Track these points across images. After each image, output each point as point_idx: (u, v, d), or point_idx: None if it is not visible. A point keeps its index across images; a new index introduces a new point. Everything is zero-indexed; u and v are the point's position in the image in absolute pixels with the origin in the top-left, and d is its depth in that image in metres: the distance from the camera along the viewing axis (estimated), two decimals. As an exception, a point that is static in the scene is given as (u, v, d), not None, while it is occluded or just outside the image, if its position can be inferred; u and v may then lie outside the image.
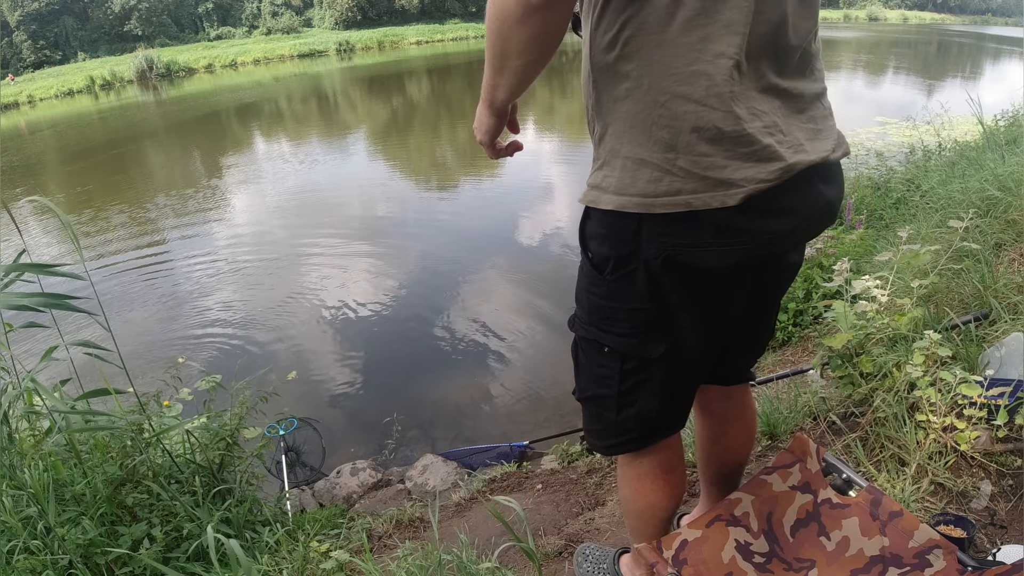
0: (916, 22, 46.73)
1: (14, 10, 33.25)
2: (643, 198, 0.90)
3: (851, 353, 1.87)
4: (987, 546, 1.37)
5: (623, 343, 1.03)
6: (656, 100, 0.87)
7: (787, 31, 0.90)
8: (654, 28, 0.84)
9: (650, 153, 0.89)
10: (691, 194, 0.88)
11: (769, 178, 0.88)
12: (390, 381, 4.19)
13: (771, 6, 0.87)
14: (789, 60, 0.92)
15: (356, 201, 8.39)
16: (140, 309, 5.48)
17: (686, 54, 0.84)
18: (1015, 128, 4.72)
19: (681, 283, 0.96)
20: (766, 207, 0.91)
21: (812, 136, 0.95)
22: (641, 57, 0.86)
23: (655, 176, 0.89)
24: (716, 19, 0.83)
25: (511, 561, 1.88)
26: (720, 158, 0.87)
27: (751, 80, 0.87)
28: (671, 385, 1.07)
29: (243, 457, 2.35)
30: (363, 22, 39.00)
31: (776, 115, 0.90)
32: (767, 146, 0.87)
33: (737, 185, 0.87)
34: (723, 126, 0.86)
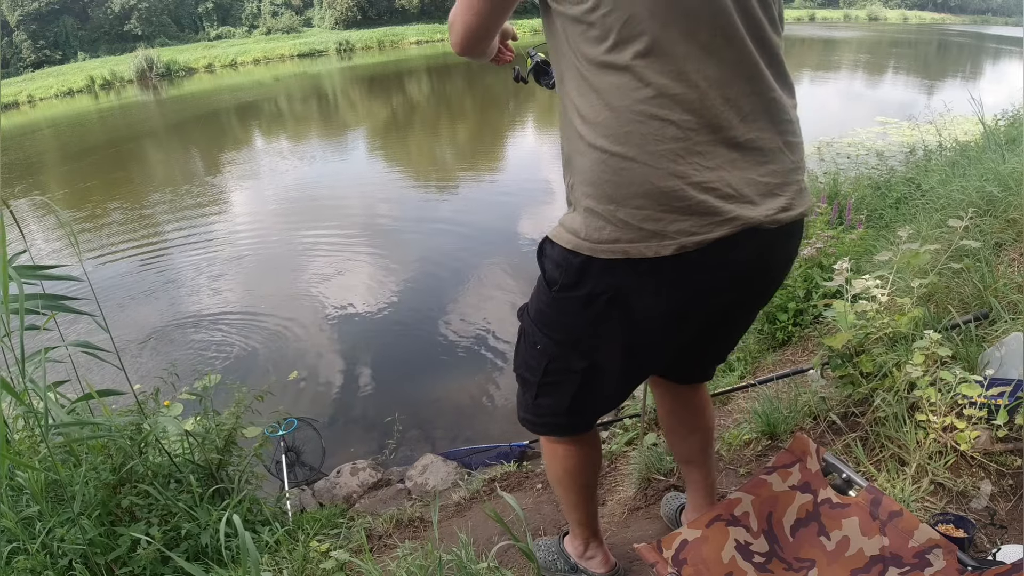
0: (916, 22, 46.74)
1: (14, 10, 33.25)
2: (591, 243, 1.00)
3: (851, 353, 1.87)
4: (987, 546, 1.36)
5: (553, 348, 1.15)
6: (603, 158, 0.96)
7: (751, 86, 0.97)
8: (612, 96, 0.93)
9: (598, 204, 0.99)
10: (628, 243, 0.97)
11: (702, 232, 0.95)
12: (390, 381, 4.19)
13: (731, 67, 0.94)
14: (753, 113, 0.97)
15: (356, 201, 8.39)
16: (140, 307, 5.48)
17: (618, 105, 0.93)
18: (1015, 127, 4.72)
19: (622, 318, 1.05)
20: (703, 260, 0.98)
21: (766, 192, 1.00)
22: (597, 121, 0.96)
23: (600, 225, 0.99)
24: (663, 90, 0.91)
25: (511, 561, 1.88)
26: (654, 211, 0.95)
27: (702, 135, 0.94)
28: (585, 392, 1.18)
29: (242, 456, 2.34)
30: (363, 22, 39.01)
31: (725, 170, 0.96)
32: (702, 201, 0.94)
33: (670, 237, 0.95)
34: (657, 182, 0.94)
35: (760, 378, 2.46)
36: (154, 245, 7.15)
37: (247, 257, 6.64)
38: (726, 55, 0.93)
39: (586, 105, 0.97)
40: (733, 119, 0.95)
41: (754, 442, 2.05)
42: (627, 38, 0.90)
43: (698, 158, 0.93)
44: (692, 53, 0.91)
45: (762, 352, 3.24)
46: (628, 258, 0.98)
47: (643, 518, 1.93)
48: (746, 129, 0.97)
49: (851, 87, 16.10)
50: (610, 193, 0.97)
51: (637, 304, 1.03)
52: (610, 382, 1.18)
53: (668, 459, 2.06)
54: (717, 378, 3.06)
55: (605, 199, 0.98)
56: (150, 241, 7.28)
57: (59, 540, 1.69)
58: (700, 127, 0.93)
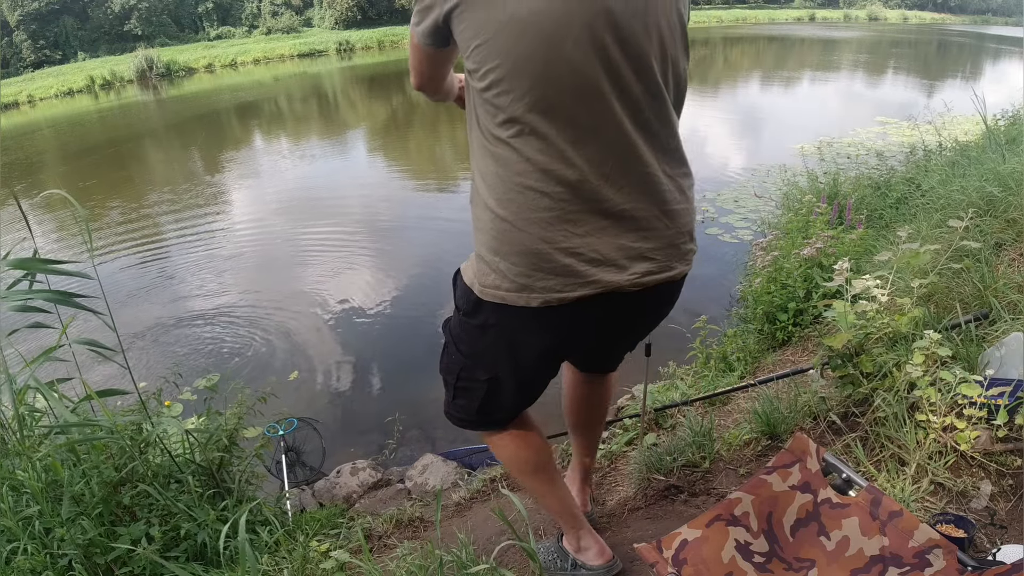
0: (916, 22, 46.72)
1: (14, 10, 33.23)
2: (480, 286, 1.17)
3: (851, 353, 1.87)
4: (987, 546, 1.36)
5: (463, 360, 1.33)
6: (492, 217, 1.11)
7: (627, 163, 1.08)
8: (500, 165, 1.08)
9: (486, 254, 1.15)
10: (505, 291, 1.14)
11: (564, 291, 1.11)
12: (390, 381, 4.19)
13: (607, 147, 1.05)
14: (628, 187, 1.09)
15: (356, 200, 8.39)
16: (140, 306, 5.48)
17: (508, 178, 1.07)
18: (1015, 127, 4.72)
19: (509, 348, 1.24)
20: (566, 313, 1.14)
21: (635, 256, 1.12)
22: (489, 184, 1.10)
23: (487, 271, 1.15)
24: (541, 166, 1.05)
25: (511, 561, 1.88)
26: (526, 269, 1.10)
27: (575, 205, 1.07)
28: (490, 399, 1.35)
29: (243, 457, 2.34)
30: (363, 22, 38.98)
31: (595, 236, 1.09)
32: (567, 265, 1.09)
33: (537, 292, 1.11)
34: (529, 245, 1.09)
35: (760, 378, 2.46)
36: (154, 244, 7.15)
37: (247, 256, 6.64)
38: (603, 136, 1.05)
39: (484, 167, 1.11)
40: (607, 192, 1.08)
41: (754, 442, 2.05)
42: (513, 118, 1.04)
43: (569, 226, 1.08)
44: (571, 135, 1.04)
45: (762, 352, 3.24)
46: (504, 303, 1.14)
47: (643, 518, 1.93)
48: (621, 200, 1.09)
49: (851, 87, 16.10)
50: (495, 247, 1.12)
51: (519, 339, 1.22)
52: (510, 393, 1.34)
53: (668, 459, 2.06)
54: (717, 378, 3.06)
55: (491, 251, 1.13)
56: (150, 240, 7.28)
57: (59, 540, 1.69)
58: (573, 199, 1.06)
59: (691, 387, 2.96)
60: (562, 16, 0.97)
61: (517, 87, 1.01)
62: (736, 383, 2.70)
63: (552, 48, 0.98)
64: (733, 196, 7.04)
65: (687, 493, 1.94)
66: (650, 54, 1.05)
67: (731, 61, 24.47)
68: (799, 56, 24.47)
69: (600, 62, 1.01)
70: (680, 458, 2.06)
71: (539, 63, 0.99)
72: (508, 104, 1.03)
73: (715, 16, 44.04)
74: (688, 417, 2.21)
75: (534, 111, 1.02)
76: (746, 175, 7.81)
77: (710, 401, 2.61)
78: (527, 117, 1.03)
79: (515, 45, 0.98)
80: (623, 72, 1.03)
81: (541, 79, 1.00)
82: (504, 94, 1.02)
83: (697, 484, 1.97)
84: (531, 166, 1.05)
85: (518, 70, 1.00)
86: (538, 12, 0.96)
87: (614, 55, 1.01)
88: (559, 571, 1.59)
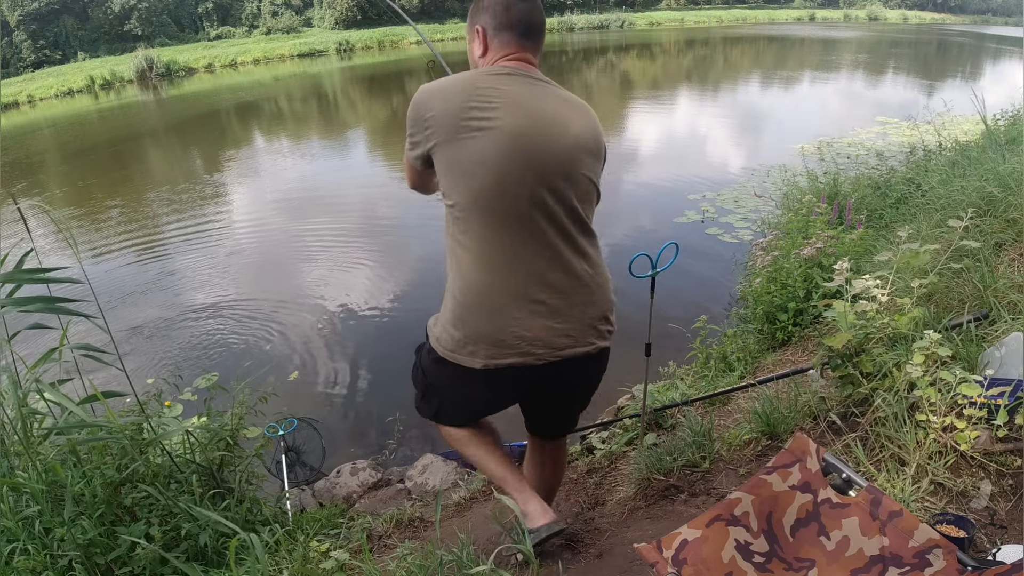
0: (916, 22, 46.70)
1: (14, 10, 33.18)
2: (440, 344, 1.53)
3: (851, 353, 1.87)
4: (987, 546, 1.36)
5: (425, 382, 1.66)
6: (453, 298, 1.48)
7: (554, 263, 1.43)
8: (458, 263, 1.46)
9: (448, 323, 1.50)
10: (454, 352, 1.49)
11: (499, 358, 1.44)
12: (390, 381, 4.19)
13: (537, 253, 1.41)
14: (554, 283, 1.43)
15: (357, 201, 8.39)
16: (140, 307, 5.48)
17: (464, 272, 1.44)
18: (1015, 127, 4.72)
19: (461, 391, 1.59)
20: (502, 375, 1.47)
21: (559, 334, 1.45)
22: (452, 275, 1.49)
23: (446, 337, 1.50)
24: (486, 268, 1.41)
25: (510, 561, 1.88)
26: (473, 340, 1.45)
27: (509, 297, 1.41)
28: (445, 413, 1.68)
29: (243, 457, 2.34)
30: (363, 22, 38.94)
31: (526, 319, 1.42)
32: (503, 339, 1.43)
33: (480, 357, 1.45)
34: (476, 326, 1.44)
35: (760, 378, 2.46)
36: (153, 243, 7.15)
37: (247, 256, 6.65)
38: (532, 246, 1.41)
39: (450, 263, 1.49)
40: (536, 287, 1.42)
41: (754, 442, 2.05)
42: (466, 231, 1.41)
43: (508, 313, 1.42)
44: (508, 245, 1.40)
45: (762, 352, 3.24)
46: (457, 363, 1.49)
47: (643, 518, 1.93)
48: (548, 294, 1.43)
49: (851, 87, 16.10)
50: (454, 323, 1.48)
51: (467, 389, 1.56)
52: (460, 416, 1.68)
53: (668, 459, 2.06)
54: (717, 378, 3.06)
55: (451, 324, 1.48)
56: (149, 239, 7.28)
57: (59, 540, 1.69)
58: (509, 292, 1.41)
59: (691, 387, 2.96)
60: (505, 165, 1.35)
61: (472, 210, 1.38)
62: (736, 383, 2.70)
63: (498, 185, 1.36)
64: (733, 196, 7.05)
65: (687, 493, 1.94)
66: (569, 192, 1.42)
67: (731, 61, 24.47)
68: (799, 56, 24.48)
69: (530, 196, 1.38)
70: (680, 458, 2.06)
71: (488, 196, 1.37)
72: (464, 220, 1.40)
73: (715, 16, 44.04)
74: (688, 417, 2.21)
75: (483, 227, 1.39)
76: (746, 175, 7.81)
77: (710, 401, 2.61)
78: (478, 231, 1.40)
79: (471, 181, 1.36)
80: (552, 207, 1.40)
81: (488, 207, 1.37)
82: (462, 213, 1.40)
83: (697, 484, 1.97)
84: (480, 265, 1.41)
85: (472, 198, 1.37)
86: (490, 159, 1.35)
87: (543, 194, 1.39)
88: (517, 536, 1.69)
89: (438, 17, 39.29)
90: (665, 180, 8.16)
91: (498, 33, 1.46)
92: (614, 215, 7.20)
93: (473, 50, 1.53)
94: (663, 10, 45.98)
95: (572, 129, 1.42)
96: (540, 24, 1.49)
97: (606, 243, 6.12)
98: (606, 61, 25.93)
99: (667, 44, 31.19)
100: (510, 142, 1.35)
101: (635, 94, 16.90)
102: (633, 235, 6.37)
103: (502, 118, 1.35)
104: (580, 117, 1.46)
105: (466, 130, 1.35)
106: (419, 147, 1.43)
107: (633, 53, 28.14)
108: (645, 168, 8.97)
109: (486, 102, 1.36)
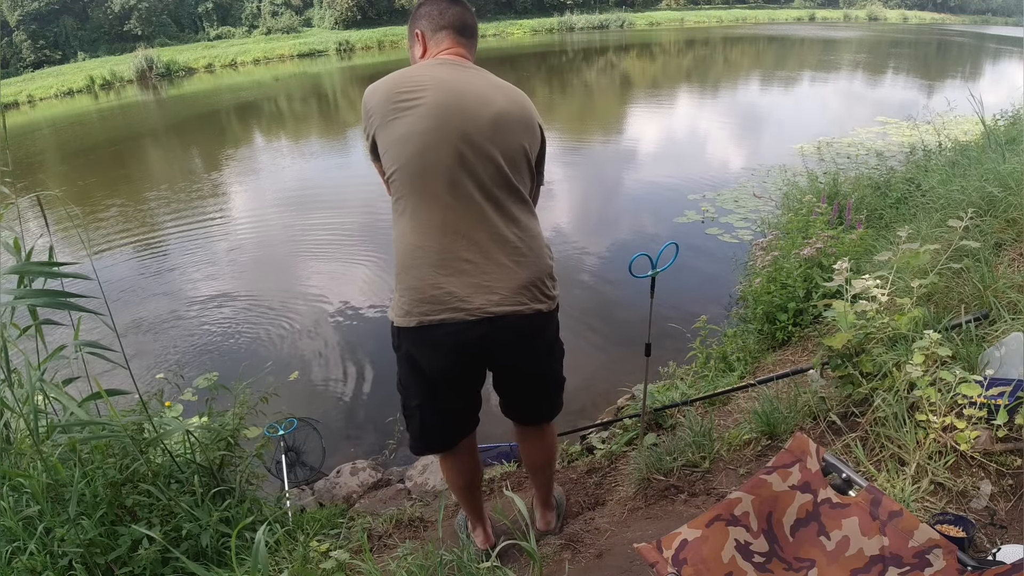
0: (916, 22, 46.68)
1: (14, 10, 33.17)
2: (392, 316, 1.59)
3: (851, 353, 1.87)
4: (987, 546, 1.37)
5: (403, 391, 1.71)
6: (396, 263, 1.56)
7: (481, 225, 1.50)
8: (398, 228, 1.56)
9: (394, 291, 1.59)
10: (399, 316, 1.56)
11: (432, 314, 1.51)
12: (391, 381, 4.18)
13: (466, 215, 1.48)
14: (482, 242, 1.50)
15: (357, 200, 8.38)
16: (141, 306, 5.48)
17: (400, 238, 1.55)
18: (1015, 127, 4.72)
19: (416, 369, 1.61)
20: (437, 332, 1.52)
21: (487, 292, 1.51)
22: (396, 241, 1.57)
23: (393, 305, 1.59)
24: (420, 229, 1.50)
25: (512, 560, 1.88)
26: (408, 300, 1.53)
27: (441, 255, 1.49)
28: (426, 424, 1.71)
29: (243, 457, 2.34)
30: (363, 22, 38.94)
31: (456, 277, 1.49)
32: (434, 295, 1.50)
33: (415, 315, 1.52)
34: (411, 283, 1.52)
35: (760, 378, 2.46)
36: (153, 242, 7.15)
37: (247, 255, 6.65)
38: (459, 209, 1.49)
39: (393, 233, 1.58)
40: (463, 247, 1.49)
41: (754, 442, 2.05)
42: (399, 198, 1.53)
43: (436, 270, 1.49)
44: (437, 208, 1.49)
45: (762, 352, 3.24)
46: (399, 327, 1.56)
47: (643, 518, 1.93)
48: (474, 253, 1.50)
49: (851, 87, 16.10)
50: (396, 286, 1.57)
51: (417, 358, 1.59)
52: (434, 413, 1.69)
53: (668, 459, 2.06)
54: (717, 378, 3.06)
55: (395, 290, 1.57)
56: (149, 238, 7.28)
57: (59, 540, 1.69)
58: (440, 251, 1.49)
59: (691, 387, 2.96)
60: (431, 134, 1.46)
61: (403, 178, 1.49)
62: (736, 383, 2.70)
63: (425, 151, 1.46)
64: (733, 196, 7.05)
65: (687, 493, 1.95)
66: (496, 156, 1.50)
67: (731, 61, 24.47)
68: (799, 56, 24.47)
69: (457, 160, 1.47)
70: (680, 458, 2.06)
71: (417, 162, 1.47)
72: (398, 188, 1.51)
73: (715, 16, 44.03)
74: (688, 417, 2.22)
75: (414, 193, 1.49)
76: (746, 175, 7.81)
77: (710, 401, 2.61)
78: (410, 198, 1.50)
79: (402, 151, 1.47)
80: (475, 168, 1.48)
81: (417, 172, 1.47)
82: (395, 182, 1.50)
83: (697, 484, 1.97)
84: (413, 229, 1.51)
85: (403, 166, 1.48)
86: (416, 131, 1.46)
87: (468, 156, 1.47)
88: (461, 530, 2.11)
89: (438, 17, 39.21)
90: (665, 180, 8.16)
91: (435, 33, 1.61)
92: (614, 215, 7.20)
93: (414, 54, 1.68)
94: (663, 10, 45.97)
95: (498, 102, 1.52)
96: (473, 25, 1.65)
97: (606, 243, 6.14)
98: (606, 61, 25.92)
99: (667, 44, 31.18)
100: (435, 112, 1.46)
101: (635, 94, 16.90)
102: (633, 235, 6.37)
103: (428, 96, 1.47)
104: (507, 95, 1.55)
105: (397, 111, 1.48)
106: (368, 139, 1.56)
107: (633, 53, 28.13)
108: (645, 168, 8.97)
109: (416, 85, 1.50)
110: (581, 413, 3.31)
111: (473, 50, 1.65)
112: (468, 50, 1.62)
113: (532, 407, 1.84)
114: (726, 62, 24.00)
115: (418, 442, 1.78)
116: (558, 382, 1.81)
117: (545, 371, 1.76)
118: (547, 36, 36.37)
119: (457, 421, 1.76)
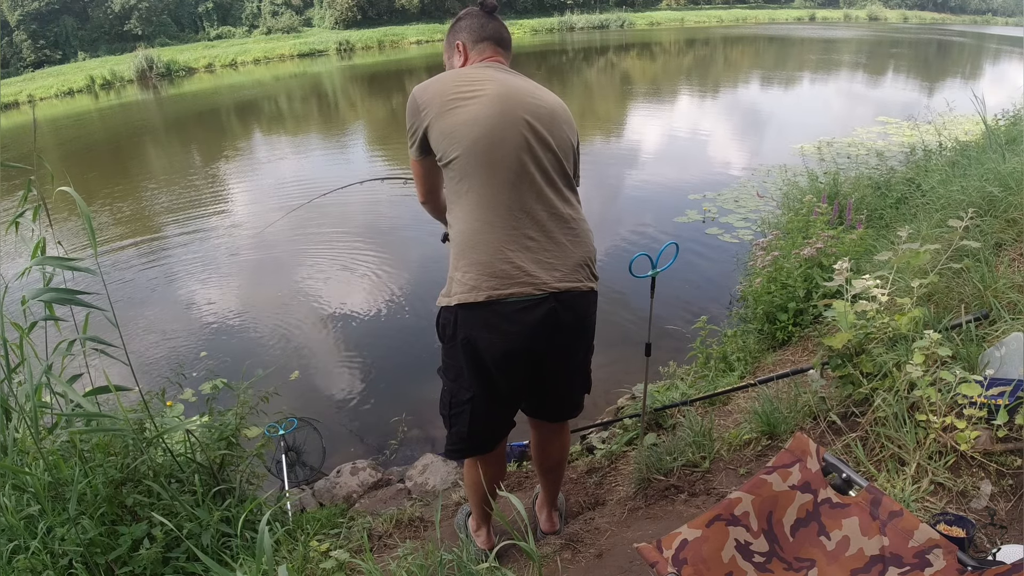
0: (916, 22, 46.67)
1: (14, 10, 33.16)
2: (445, 299, 1.60)
3: (851, 353, 1.87)
4: (987, 546, 1.37)
5: (451, 386, 1.72)
6: (455, 243, 1.59)
7: (542, 205, 1.56)
8: (462, 208, 1.57)
9: (451, 271, 1.59)
10: (461, 294, 1.55)
11: (501, 288, 1.52)
12: (391, 381, 4.19)
13: (530, 195, 1.55)
14: (543, 221, 1.56)
15: (357, 200, 8.38)
16: (141, 306, 5.47)
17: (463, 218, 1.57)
18: (1016, 127, 4.72)
19: (476, 355, 1.59)
20: (505, 306, 1.53)
21: (550, 268, 1.55)
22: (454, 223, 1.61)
23: (450, 286, 1.59)
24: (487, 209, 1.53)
25: (511, 560, 1.88)
26: (474, 275, 1.53)
27: (507, 233, 1.53)
28: (476, 419, 1.70)
29: (244, 457, 2.34)
30: (363, 22, 38.94)
31: (522, 253, 1.53)
32: (503, 270, 1.52)
33: (483, 290, 1.52)
34: (477, 257, 1.53)
35: (760, 378, 2.46)
36: (152, 241, 7.15)
37: (246, 255, 6.64)
38: (523, 188, 1.55)
39: (451, 217, 1.61)
40: (527, 224, 1.55)
41: (754, 442, 2.05)
42: (461, 179, 1.55)
43: (505, 245, 1.53)
44: (505, 187, 1.53)
45: (762, 352, 3.24)
46: (460, 304, 1.54)
47: (643, 518, 1.93)
48: (536, 232, 1.55)
49: (851, 87, 16.09)
50: (457, 264, 1.57)
51: (477, 339, 1.57)
52: (486, 407, 1.69)
53: (668, 459, 2.07)
54: (717, 378, 3.06)
55: (454, 268, 1.58)
56: (148, 237, 7.28)
57: (59, 539, 1.69)
58: (507, 227, 1.53)
59: (691, 387, 2.96)
60: (500, 118, 1.53)
61: (468, 159, 1.52)
62: (736, 383, 2.70)
63: (491, 133, 1.52)
64: (733, 196, 7.04)
65: (687, 493, 1.95)
66: (552, 145, 1.59)
67: (731, 61, 24.46)
68: (799, 56, 24.45)
69: (522, 143, 1.54)
70: (680, 458, 2.06)
71: (482, 144, 1.52)
72: (461, 170, 1.54)
73: (715, 16, 44.03)
74: (688, 417, 2.22)
75: (479, 174, 1.53)
76: (746, 175, 7.81)
77: (710, 401, 2.61)
78: (474, 179, 1.53)
79: (467, 135, 1.52)
80: (537, 152, 1.56)
81: (483, 153, 1.52)
82: (459, 164, 1.53)
83: (697, 484, 1.97)
84: (479, 205, 1.54)
85: (468, 148, 1.52)
86: (482, 116, 1.52)
87: (532, 142, 1.55)
88: (460, 530, 2.16)
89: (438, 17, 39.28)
90: (666, 180, 8.16)
91: (476, 44, 1.71)
92: (615, 215, 7.20)
93: (453, 64, 1.76)
94: (663, 10, 45.99)
95: (549, 100, 1.64)
96: (508, 39, 1.76)
97: (606, 243, 6.13)
98: (606, 61, 25.91)
99: (667, 44, 31.17)
100: (499, 101, 1.54)
101: (635, 94, 16.89)
102: (633, 235, 6.37)
103: (490, 87, 1.56)
104: (553, 97, 1.67)
105: (459, 99, 1.54)
106: (416, 133, 1.60)
107: (633, 53, 28.12)
108: (646, 168, 8.97)
109: (475, 80, 1.58)
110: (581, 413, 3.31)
111: (509, 61, 1.74)
112: (506, 60, 1.73)
113: (564, 402, 1.85)
114: (726, 62, 23.99)
115: (464, 443, 1.76)
116: (589, 381, 1.85)
117: (583, 366, 1.80)
118: (547, 36, 36.36)
119: (505, 419, 1.78)
